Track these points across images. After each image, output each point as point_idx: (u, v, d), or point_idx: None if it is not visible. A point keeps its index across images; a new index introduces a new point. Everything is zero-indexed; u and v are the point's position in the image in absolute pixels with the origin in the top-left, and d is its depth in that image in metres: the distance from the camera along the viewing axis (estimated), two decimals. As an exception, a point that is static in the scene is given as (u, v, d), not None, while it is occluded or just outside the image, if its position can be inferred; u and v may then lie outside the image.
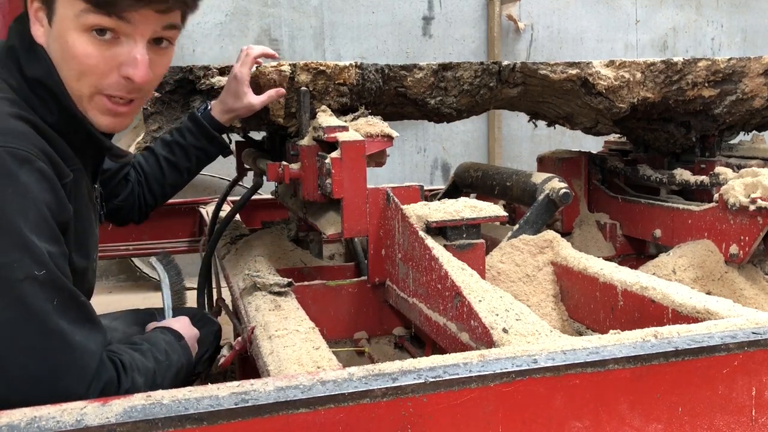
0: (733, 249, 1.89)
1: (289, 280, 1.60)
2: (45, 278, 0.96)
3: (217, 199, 2.68)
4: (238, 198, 2.09)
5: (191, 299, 2.02)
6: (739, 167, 2.16)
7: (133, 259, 4.15)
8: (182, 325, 1.46)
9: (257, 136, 2.32)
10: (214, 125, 1.74)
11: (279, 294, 1.56)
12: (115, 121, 1.18)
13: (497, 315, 1.19)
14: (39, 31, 1.12)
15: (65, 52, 1.10)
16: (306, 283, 1.77)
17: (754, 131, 2.55)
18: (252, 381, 0.81)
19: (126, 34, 1.10)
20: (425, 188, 2.02)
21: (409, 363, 0.87)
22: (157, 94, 1.81)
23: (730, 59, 2.16)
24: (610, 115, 2.20)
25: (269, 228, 2.34)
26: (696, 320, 1.26)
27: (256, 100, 1.72)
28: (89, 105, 1.15)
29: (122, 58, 1.11)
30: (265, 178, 1.87)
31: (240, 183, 2.48)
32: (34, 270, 0.94)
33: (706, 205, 2.03)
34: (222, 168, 4.23)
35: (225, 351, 1.48)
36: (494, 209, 1.60)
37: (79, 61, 1.10)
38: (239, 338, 1.43)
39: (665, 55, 5.02)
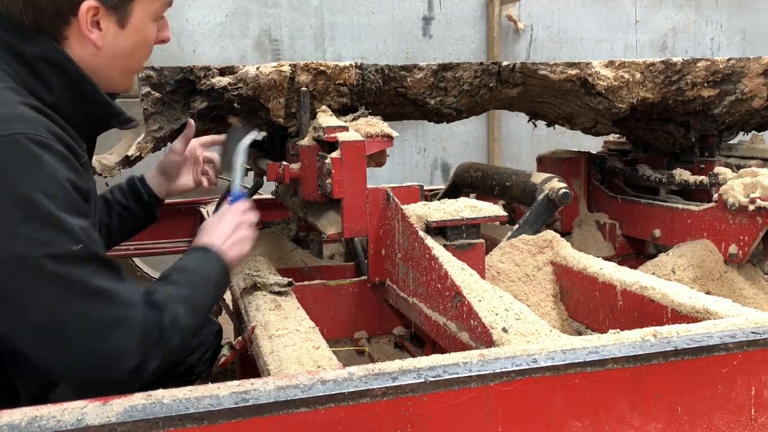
0: (733, 249, 1.90)
1: (290, 279, 1.61)
2: (82, 251, 1.03)
3: (217, 199, 2.68)
4: (238, 198, 2.09)
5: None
6: (739, 167, 2.16)
7: (133, 259, 4.14)
8: (212, 230, 1.40)
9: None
10: (148, 191, 1.72)
11: (279, 294, 1.57)
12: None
13: (497, 314, 1.19)
14: (94, 34, 1.19)
15: (141, 42, 1.26)
16: (306, 282, 1.77)
17: (753, 131, 2.56)
18: (252, 380, 0.81)
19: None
20: (425, 188, 2.02)
21: (409, 362, 0.87)
22: (157, 95, 1.81)
23: (730, 59, 2.16)
24: (610, 115, 2.20)
25: (269, 228, 2.35)
26: (695, 320, 1.26)
27: (189, 182, 1.76)
28: (130, 78, 1.32)
29: (158, 28, 1.31)
30: (265, 178, 1.87)
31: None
32: (72, 246, 1.01)
33: (706, 205, 2.03)
34: (222, 168, 4.24)
35: (225, 350, 1.49)
36: (494, 209, 1.61)
37: (148, 45, 1.28)
38: (240, 338, 1.43)
39: (665, 56, 5.02)
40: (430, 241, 1.47)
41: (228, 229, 1.40)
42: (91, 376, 1.06)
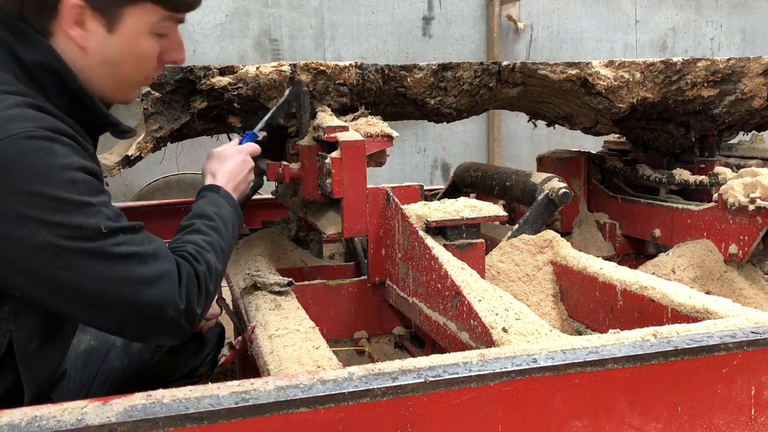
0: (733, 249, 1.90)
1: (290, 279, 1.60)
2: (112, 226, 1.10)
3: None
4: (238, 198, 2.09)
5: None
6: (739, 167, 2.16)
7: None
8: (217, 170, 1.49)
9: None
10: None
11: (279, 293, 1.57)
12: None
13: (497, 314, 1.19)
14: (76, 33, 1.17)
15: (132, 53, 1.22)
16: (306, 282, 1.77)
17: (753, 131, 2.56)
18: (252, 380, 0.81)
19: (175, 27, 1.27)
20: (425, 188, 2.02)
21: (409, 362, 0.87)
22: (157, 94, 1.81)
23: (730, 59, 2.16)
24: (610, 115, 2.20)
25: (269, 228, 2.35)
26: (695, 320, 1.26)
27: None
28: (128, 90, 1.28)
29: (168, 47, 1.26)
30: (265, 178, 1.87)
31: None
32: (102, 223, 1.08)
33: (706, 205, 2.03)
34: (222, 168, 4.24)
35: (225, 350, 1.49)
36: (494, 209, 1.61)
37: (142, 57, 1.23)
38: (240, 338, 1.43)
39: (665, 56, 5.02)
40: (430, 241, 1.47)
41: (233, 170, 1.50)
42: (145, 330, 1.16)
